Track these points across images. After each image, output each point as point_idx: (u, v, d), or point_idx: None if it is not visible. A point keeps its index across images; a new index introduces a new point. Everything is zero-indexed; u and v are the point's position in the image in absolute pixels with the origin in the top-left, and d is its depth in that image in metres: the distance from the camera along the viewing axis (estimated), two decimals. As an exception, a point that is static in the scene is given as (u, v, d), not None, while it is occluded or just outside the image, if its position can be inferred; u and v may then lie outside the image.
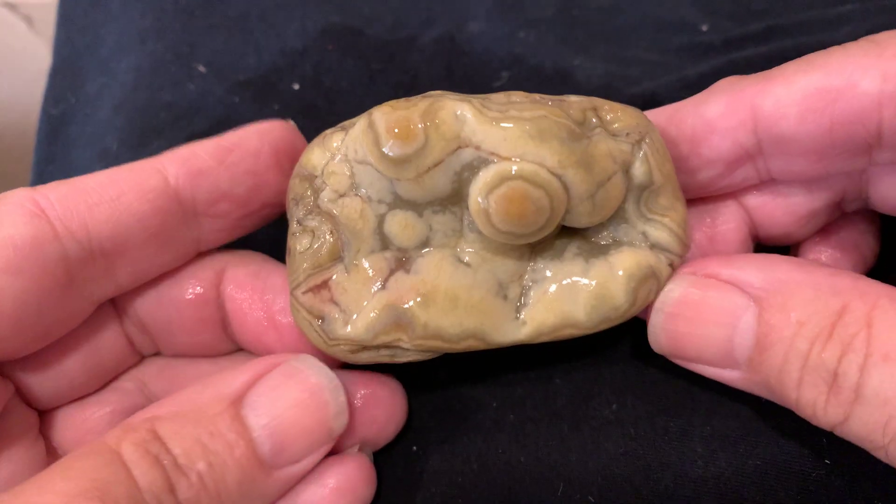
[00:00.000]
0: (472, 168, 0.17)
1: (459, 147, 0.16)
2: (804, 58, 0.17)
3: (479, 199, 0.16)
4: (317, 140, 0.19)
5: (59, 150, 0.30)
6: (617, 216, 0.18)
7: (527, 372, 0.21)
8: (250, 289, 0.20)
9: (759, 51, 0.27)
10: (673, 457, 0.19)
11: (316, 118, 0.27)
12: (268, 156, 0.19)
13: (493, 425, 0.21)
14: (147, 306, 0.20)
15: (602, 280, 0.18)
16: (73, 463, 0.14)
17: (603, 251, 0.18)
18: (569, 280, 0.18)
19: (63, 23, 0.32)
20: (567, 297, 0.18)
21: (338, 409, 0.17)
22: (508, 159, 0.16)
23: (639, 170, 0.17)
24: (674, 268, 0.18)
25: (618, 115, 0.18)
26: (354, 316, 0.18)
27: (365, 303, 0.18)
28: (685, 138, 0.18)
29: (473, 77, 0.28)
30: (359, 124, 0.17)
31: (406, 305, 0.17)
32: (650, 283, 0.18)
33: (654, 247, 0.18)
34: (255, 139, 0.19)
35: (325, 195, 0.18)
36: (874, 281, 0.16)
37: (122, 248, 0.18)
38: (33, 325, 0.17)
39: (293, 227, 0.19)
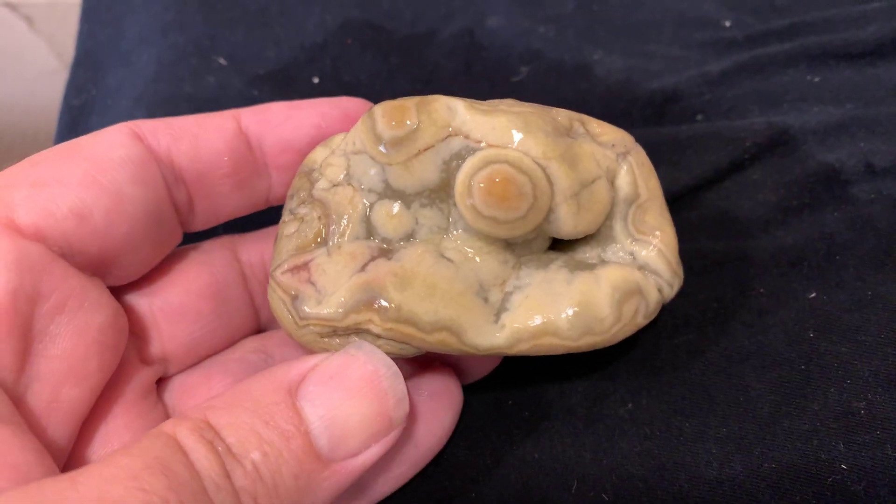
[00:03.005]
0: (461, 157, 0.17)
1: (450, 135, 0.17)
2: None
3: (464, 181, 0.16)
4: (322, 142, 0.19)
5: (80, 140, 0.30)
6: (605, 236, 0.18)
7: (543, 371, 0.21)
8: None
9: (782, 47, 0.27)
10: (688, 457, 0.19)
11: (334, 112, 0.27)
12: (335, 118, 0.20)
13: (508, 422, 0.21)
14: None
15: (586, 288, 0.17)
16: (134, 445, 0.14)
17: (589, 268, 0.18)
18: (552, 287, 0.17)
19: (86, 16, 0.32)
20: (549, 302, 0.17)
21: (397, 398, 0.16)
22: (495, 147, 0.17)
23: (624, 180, 0.17)
24: (663, 295, 0.18)
25: (604, 129, 0.18)
26: (329, 295, 0.17)
27: (342, 284, 0.17)
28: None
29: (492, 72, 0.28)
30: (360, 119, 0.18)
31: (382, 286, 0.17)
32: (636, 299, 0.17)
33: (643, 268, 0.18)
34: (327, 105, 0.20)
35: (320, 185, 0.18)
36: None
37: (200, 181, 0.19)
38: (153, 239, 0.19)
39: (285, 216, 0.19)
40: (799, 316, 0.20)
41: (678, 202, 0.24)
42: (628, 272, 0.17)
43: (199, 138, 0.19)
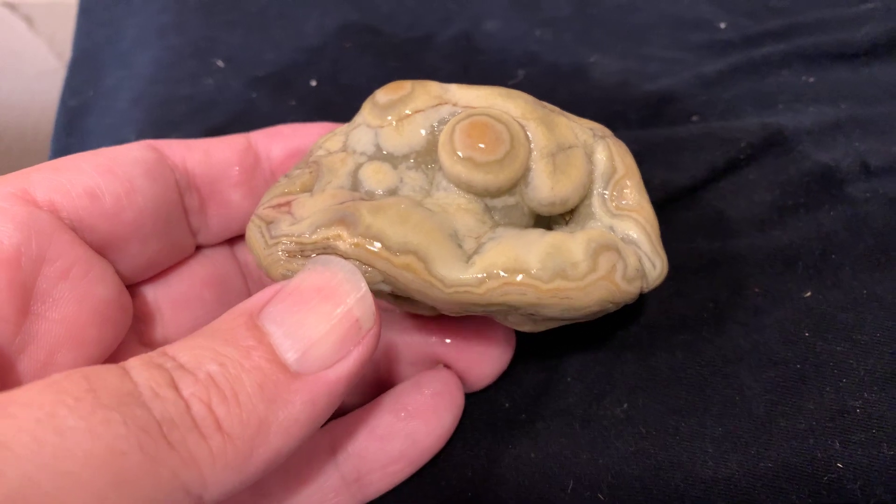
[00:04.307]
0: (447, 122, 0.18)
1: (440, 104, 0.18)
2: None
3: (448, 130, 0.17)
4: None
5: (75, 141, 0.30)
6: (584, 215, 0.18)
7: (539, 372, 0.21)
8: None
9: (777, 48, 0.27)
10: (684, 457, 0.19)
11: (332, 114, 0.27)
12: None
13: (504, 423, 0.21)
14: None
15: (560, 237, 0.17)
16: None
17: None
18: (525, 237, 0.17)
19: (84, 16, 0.32)
20: (522, 246, 0.17)
21: (359, 295, 0.16)
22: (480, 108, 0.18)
23: (601, 154, 0.18)
24: (644, 269, 0.18)
25: (586, 121, 0.19)
26: (303, 219, 0.17)
27: (317, 211, 0.17)
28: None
29: (489, 75, 0.28)
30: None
31: (356, 209, 0.17)
32: (612, 253, 0.17)
33: (623, 239, 0.18)
34: (333, 124, 0.22)
35: (318, 153, 0.19)
36: None
37: (212, 188, 0.21)
38: (161, 237, 0.19)
39: (280, 179, 0.20)
40: (794, 315, 0.20)
41: (674, 202, 0.24)
42: (606, 233, 0.17)
43: (211, 150, 0.20)
